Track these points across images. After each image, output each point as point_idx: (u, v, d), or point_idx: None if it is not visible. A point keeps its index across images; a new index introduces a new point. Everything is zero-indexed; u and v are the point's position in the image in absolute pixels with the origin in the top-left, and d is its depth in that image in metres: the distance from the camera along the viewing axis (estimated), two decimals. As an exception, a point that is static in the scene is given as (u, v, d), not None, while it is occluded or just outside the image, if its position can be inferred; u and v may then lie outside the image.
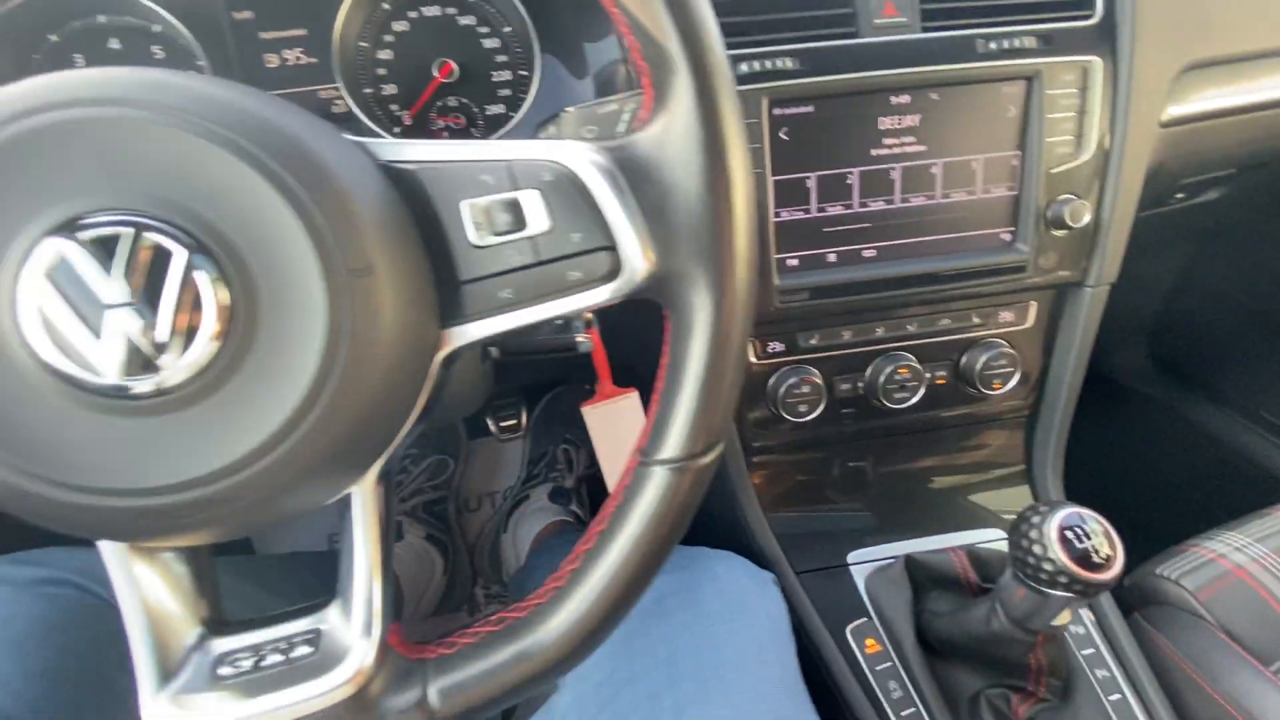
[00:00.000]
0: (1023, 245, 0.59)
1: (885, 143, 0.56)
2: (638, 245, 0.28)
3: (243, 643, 0.29)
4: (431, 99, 0.57)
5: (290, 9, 0.54)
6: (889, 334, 0.61)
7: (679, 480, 0.29)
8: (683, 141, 0.27)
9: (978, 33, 0.54)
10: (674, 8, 0.26)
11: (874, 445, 0.66)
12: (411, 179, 0.28)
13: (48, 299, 0.22)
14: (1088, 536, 0.44)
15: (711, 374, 0.29)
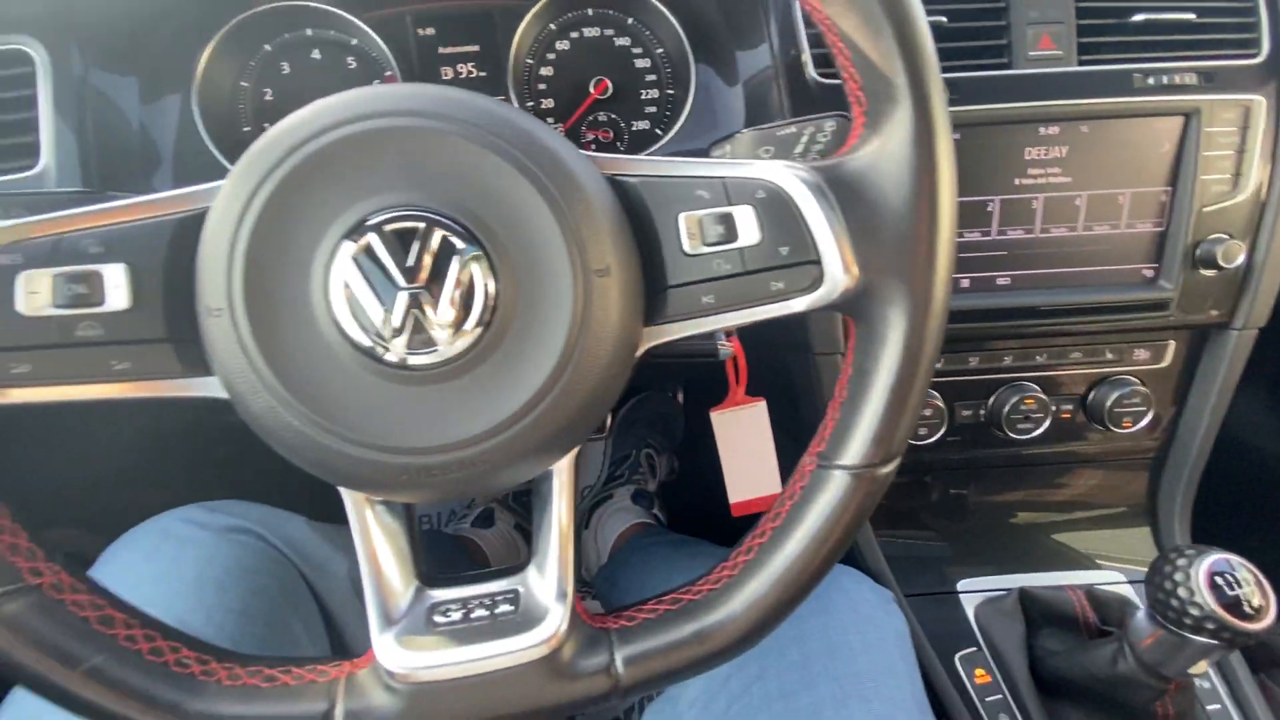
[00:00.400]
0: (1166, 283, 0.57)
1: (1030, 172, 0.56)
2: (842, 260, 0.30)
3: (452, 595, 0.32)
4: (585, 113, 0.61)
5: (466, 28, 0.59)
6: (1016, 363, 0.61)
7: (857, 486, 0.31)
8: (896, 166, 0.29)
9: (1135, 67, 0.54)
10: (904, 46, 0.28)
11: (990, 474, 0.66)
12: (634, 191, 0.31)
13: (353, 278, 0.26)
14: (1239, 584, 0.43)
15: (900, 387, 0.30)
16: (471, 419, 0.27)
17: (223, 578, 0.44)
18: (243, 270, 0.26)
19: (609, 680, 0.31)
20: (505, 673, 0.30)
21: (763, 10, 0.55)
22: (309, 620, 0.48)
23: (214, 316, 0.26)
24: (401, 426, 0.27)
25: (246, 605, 0.44)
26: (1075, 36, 0.54)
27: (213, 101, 0.54)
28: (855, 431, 0.31)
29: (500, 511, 1.06)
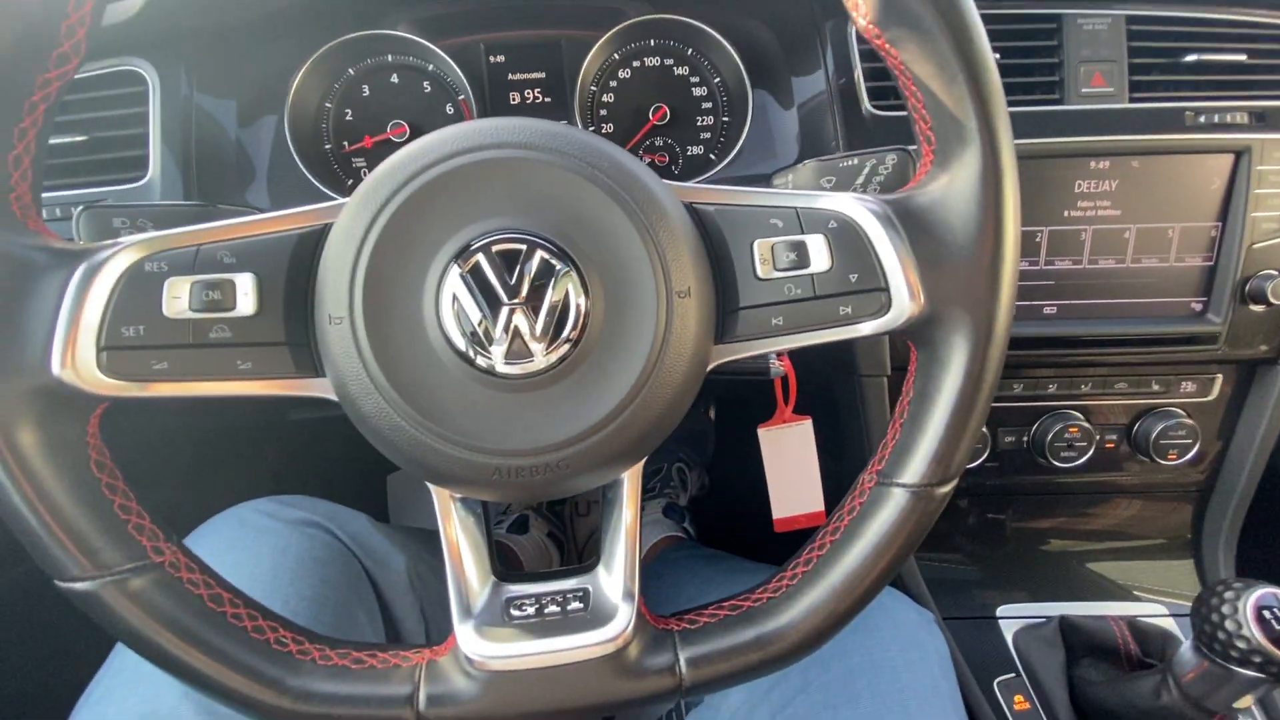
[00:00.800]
0: (1214, 317, 0.58)
1: (1079, 205, 0.57)
2: (909, 288, 0.31)
3: (526, 591, 0.34)
4: (643, 138, 0.64)
5: (534, 56, 0.62)
6: (1061, 391, 0.62)
7: (916, 504, 0.33)
8: (963, 202, 0.31)
9: (1187, 105, 0.55)
10: (977, 92, 0.30)
11: (1030, 501, 0.66)
12: (711, 218, 0.33)
13: (462, 293, 0.29)
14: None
15: (961, 412, 0.32)
16: (559, 426, 0.30)
17: (296, 567, 0.46)
18: (363, 283, 0.29)
19: (673, 679, 0.32)
20: (576, 666, 0.32)
21: (819, 39, 0.57)
22: (371, 611, 0.51)
23: (334, 324, 0.29)
24: (496, 430, 0.29)
25: (317, 593, 0.46)
26: (1127, 75, 0.55)
27: (301, 121, 0.58)
28: (916, 452, 0.33)
29: (535, 519, 1.08)
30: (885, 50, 0.32)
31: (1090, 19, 0.55)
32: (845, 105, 0.56)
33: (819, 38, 0.57)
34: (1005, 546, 0.67)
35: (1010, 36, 0.55)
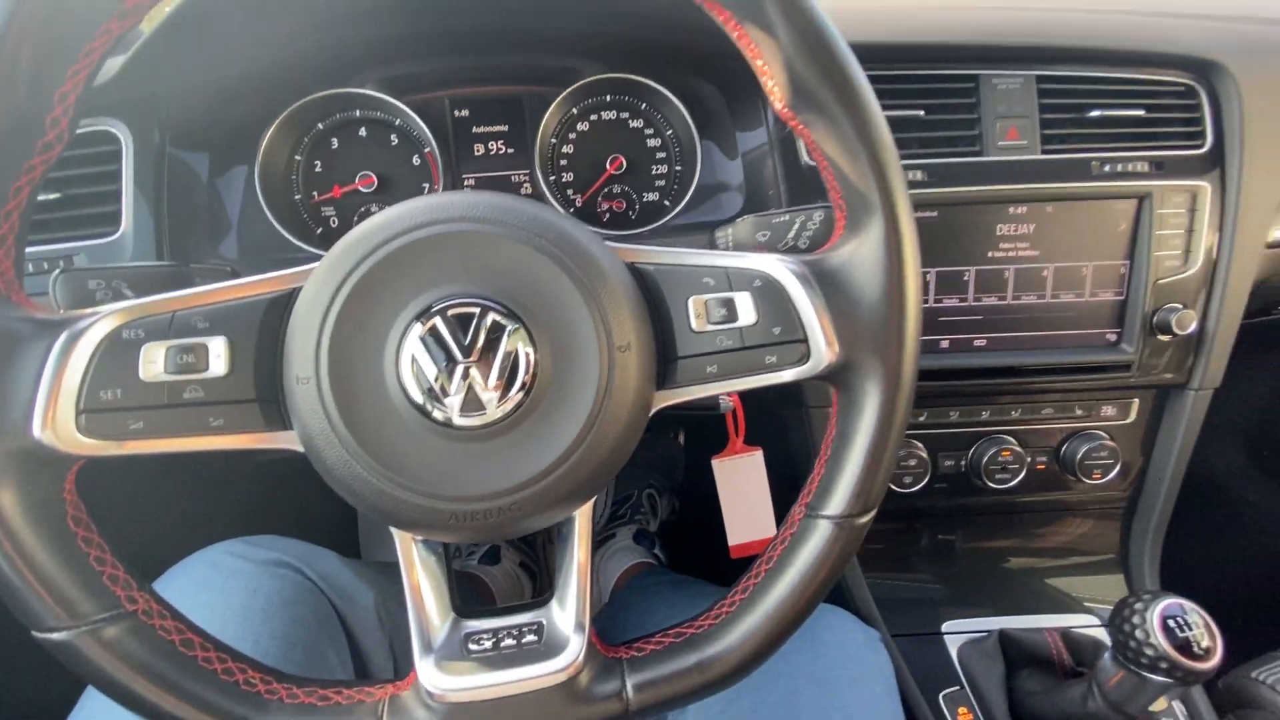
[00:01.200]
0: (1128, 346, 0.63)
1: (1001, 246, 0.62)
2: (825, 339, 0.35)
3: (483, 626, 0.37)
4: (602, 186, 0.68)
5: (495, 110, 0.66)
6: (993, 418, 0.66)
7: (839, 533, 0.36)
8: (869, 264, 0.35)
9: (1093, 156, 0.61)
10: (877, 169, 0.34)
11: (973, 520, 0.70)
12: (650, 277, 0.37)
13: (420, 354, 0.31)
14: (1189, 627, 0.47)
15: (875, 449, 0.35)
16: (511, 472, 0.32)
17: (265, 608, 0.48)
18: (329, 347, 0.31)
19: (620, 704, 0.35)
20: (530, 696, 0.34)
21: (760, 98, 0.61)
22: (340, 648, 0.52)
23: (302, 384, 0.32)
24: (453, 478, 0.32)
25: (287, 633, 0.48)
26: (1039, 129, 0.61)
27: (271, 173, 0.60)
28: (838, 486, 0.36)
29: (507, 550, 1.09)
30: (799, 130, 0.36)
31: (1004, 79, 0.61)
32: (785, 156, 0.60)
33: (760, 96, 0.61)
34: (950, 565, 0.70)
35: (935, 95, 0.60)
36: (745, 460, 0.60)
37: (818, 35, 0.33)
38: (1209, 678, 0.47)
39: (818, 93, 0.33)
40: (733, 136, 0.66)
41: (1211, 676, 0.46)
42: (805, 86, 0.34)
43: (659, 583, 0.98)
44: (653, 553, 1.13)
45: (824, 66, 0.33)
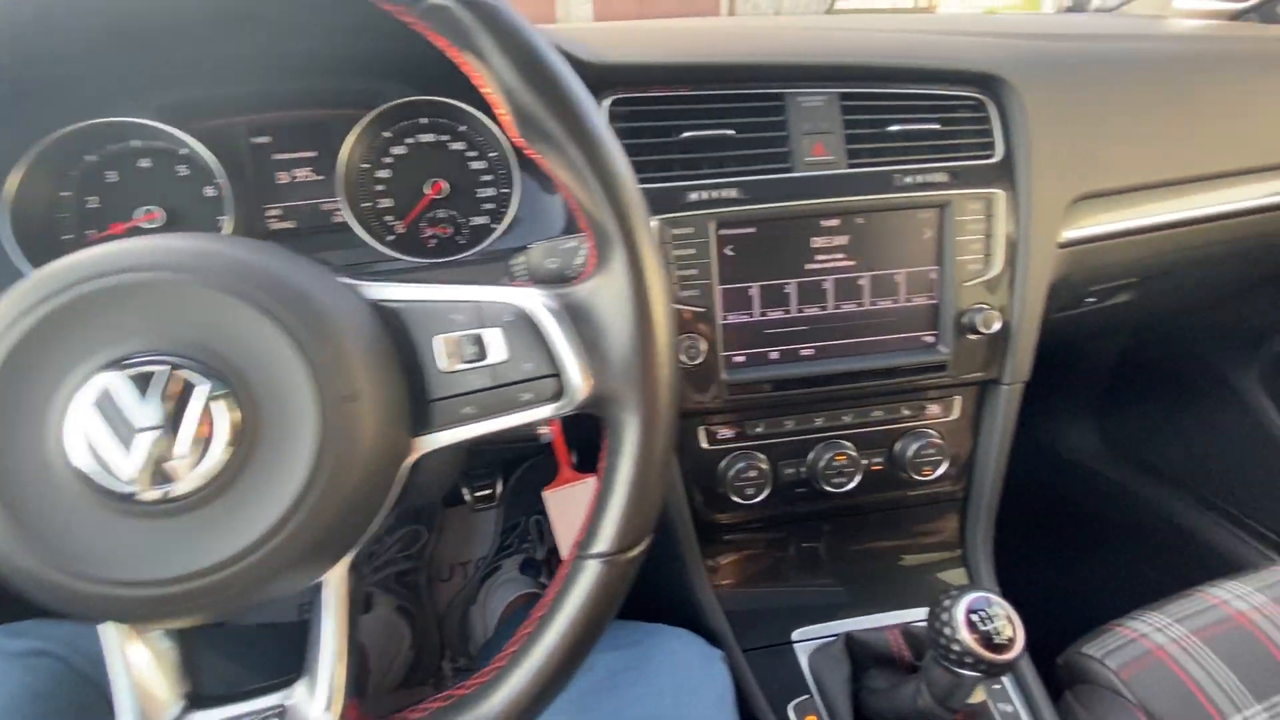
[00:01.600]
0: (943, 347, 0.66)
1: (818, 258, 0.64)
2: (578, 373, 0.34)
3: (219, 717, 0.33)
4: (423, 212, 0.65)
5: (302, 134, 0.62)
6: (827, 424, 0.67)
7: (607, 571, 0.35)
8: (615, 296, 0.34)
9: (895, 169, 0.63)
10: (610, 196, 0.33)
11: (819, 527, 0.71)
12: (394, 315, 0.34)
13: (92, 422, 0.28)
14: (991, 619, 0.49)
15: (638, 480, 0.34)
16: (216, 546, 0.29)
17: (9, 704, 0.42)
18: None
19: None
20: None
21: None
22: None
23: None
24: (143, 560, 0.28)
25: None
26: (844, 144, 0.63)
27: (28, 217, 0.54)
28: (604, 523, 0.35)
29: (380, 595, 1.03)
30: (537, 159, 0.34)
31: (809, 96, 0.62)
32: (602, 178, 0.60)
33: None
34: (800, 572, 0.71)
35: (744, 114, 0.61)
36: (578, 489, 0.58)
37: (536, 64, 0.32)
38: (1011, 668, 0.48)
39: (544, 123, 0.32)
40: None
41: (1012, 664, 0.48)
42: (531, 116, 0.32)
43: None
44: (539, 581, 1.09)
45: (546, 96, 0.32)
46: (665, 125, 0.60)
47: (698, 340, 0.61)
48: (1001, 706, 0.63)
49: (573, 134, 0.32)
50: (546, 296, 0.34)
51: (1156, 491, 1.32)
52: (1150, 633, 0.69)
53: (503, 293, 0.35)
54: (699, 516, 0.67)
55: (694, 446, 0.66)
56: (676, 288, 0.60)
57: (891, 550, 0.73)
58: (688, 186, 0.60)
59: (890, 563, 0.73)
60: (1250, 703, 0.64)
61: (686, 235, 0.60)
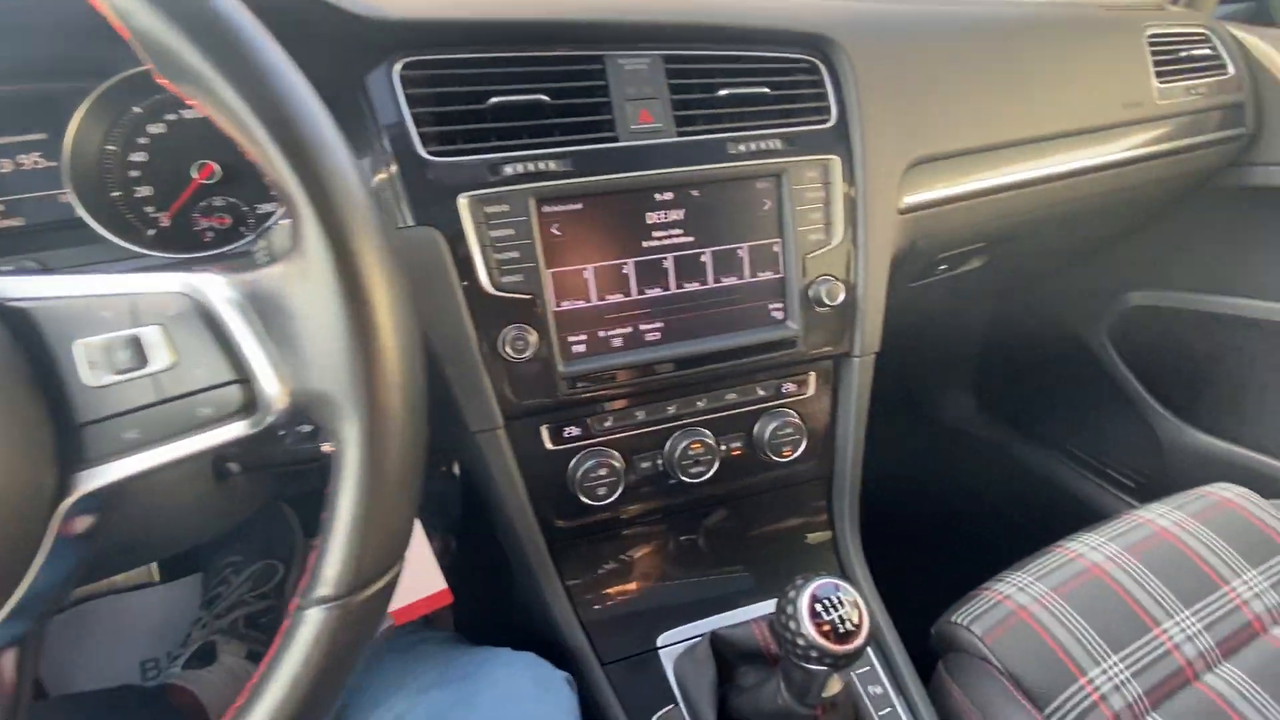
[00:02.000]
0: (792, 323, 0.63)
1: (655, 235, 0.59)
2: (272, 375, 0.27)
3: None
4: (193, 200, 0.55)
5: (25, 115, 0.51)
6: (681, 411, 0.63)
7: (334, 619, 0.28)
8: (314, 279, 0.27)
9: (728, 136, 0.59)
10: (289, 152, 0.26)
11: (683, 521, 0.67)
12: (23, 318, 0.26)
13: None
14: (838, 605, 0.46)
15: (365, 506, 0.28)
16: None
17: None
18: None
19: None
20: None
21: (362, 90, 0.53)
22: None
23: None
24: None
25: None
26: (671, 110, 0.58)
27: None
28: (326, 561, 0.28)
29: (226, 643, 0.91)
30: (196, 107, 0.27)
31: (630, 59, 0.57)
32: (400, 154, 0.52)
33: (361, 89, 0.53)
34: (664, 573, 0.67)
35: (558, 78, 0.56)
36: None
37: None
38: (858, 655, 0.45)
39: (185, 57, 0.25)
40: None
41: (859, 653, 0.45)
42: (163, 45, 0.25)
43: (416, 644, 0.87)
44: (417, 606, 1.00)
45: (176, 15, 0.25)
46: (471, 91, 0.54)
47: (526, 332, 0.55)
48: (871, 689, 0.61)
49: (223, 67, 0.25)
50: (225, 284, 0.27)
51: (1027, 449, 1.38)
52: (1013, 593, 0.70)
53: (163, 280, 0.27)
54: (548, 524, 0.61)
55: (536, 448, 0.59)
56: (496, 273, 0.54)
57: (759, 539, 0.70)
58: (501, 159, 0.54)
59: (759, 552, 0.70)
60: (1107, 654, 0.65)
61: (503, 214, 0.53)
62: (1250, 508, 0.78)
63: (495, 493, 0.58)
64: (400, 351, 0.28)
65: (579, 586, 0.63)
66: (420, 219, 0.52)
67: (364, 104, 0.53)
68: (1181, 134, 0.85)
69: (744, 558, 0.69)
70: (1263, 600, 0.70)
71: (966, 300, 1.23)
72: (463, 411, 0.55)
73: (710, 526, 0.68)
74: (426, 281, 0.52)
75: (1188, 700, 0.62)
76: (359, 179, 0.28)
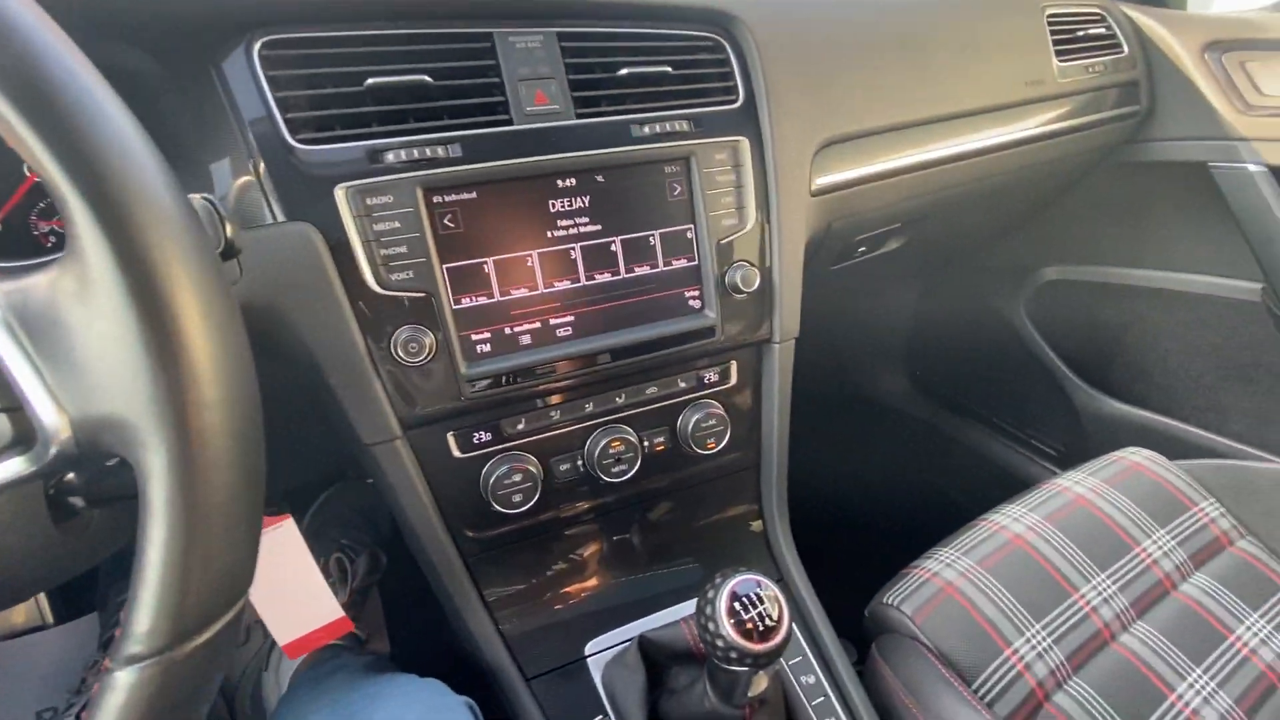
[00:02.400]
0: (710, 311, 0.61)
1: (560, 224, 0.56)
2: (47, 399, 0.23)
3: None
4: (27, 200, 0.49)
5: None
6: (600, 408, 0.60)
7: (154, 677, 0.24)
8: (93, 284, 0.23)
9: (632, 118, 0.57)
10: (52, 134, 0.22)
11: (608, 523, 0.65)
12: None
13: None
14: (757, 602, 0.44)
15: (180, 543, 0.24)
16: None
17: None
18: None
19: None
20: None
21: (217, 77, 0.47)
22: None
23: None
24: None
25: None
26: (569, 91, 0.55)
27: None
28: (137, 615, 0.24)
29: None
30: None
31: (522, 36, 0.54)
32: (266, 145, 0.47)
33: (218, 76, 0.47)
34: (591, 578, 0.64)
35: (443, 56, 0.52)
36: (269, 537, 0.46)
37: None
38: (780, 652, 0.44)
39: None
40: (206, 170, 0.50)
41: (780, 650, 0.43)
42: None
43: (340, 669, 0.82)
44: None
45: None
46: (344, 72, 0.49)
47: (421, 332, 0.51)
48: (804, 679, 0.60)
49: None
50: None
51: (957, 425, 1.42)
52: (941, 569, 0.70)
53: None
54: (461, 536, 0.57)
55: (443, 457, 0.56)
56: (383, 270, 0.50)
57: (688, 534, 0.68)
58: (382, 146, 0.49)
59: (689, 548, 0.68)
60: (1031, 623, 0.66)
61: (387, 205, 0.49)
62: (1158, 470, 0.81)
63: (398, 507, 0.54)
64: (215, 363, 0.24)
65: (499, 600, 0.59)
66: (292, 214, 0.47)
67: (221, 92, 0.47)
68: (1081, 111, 0.88)
69: (673, 555, 0.67)
70: (1171, 558, 0.73)
71: (892, 282, 1.25)
72: (353, 423, 0.50)
73: (637, 526, 0.66)
74: (301, 282, 0.47)
75: (1105, 662, 0.64)
76: (147, 156, 0.24)
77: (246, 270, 0.46)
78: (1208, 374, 1.07)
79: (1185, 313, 1.07)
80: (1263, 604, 0.70)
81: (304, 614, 0.46)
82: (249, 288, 0.46)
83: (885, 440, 1.49)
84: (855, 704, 0.59)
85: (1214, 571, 0.73)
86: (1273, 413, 1.00)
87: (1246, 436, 1.04)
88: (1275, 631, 0.68)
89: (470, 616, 0.57)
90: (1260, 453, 1.01)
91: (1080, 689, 0.62)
